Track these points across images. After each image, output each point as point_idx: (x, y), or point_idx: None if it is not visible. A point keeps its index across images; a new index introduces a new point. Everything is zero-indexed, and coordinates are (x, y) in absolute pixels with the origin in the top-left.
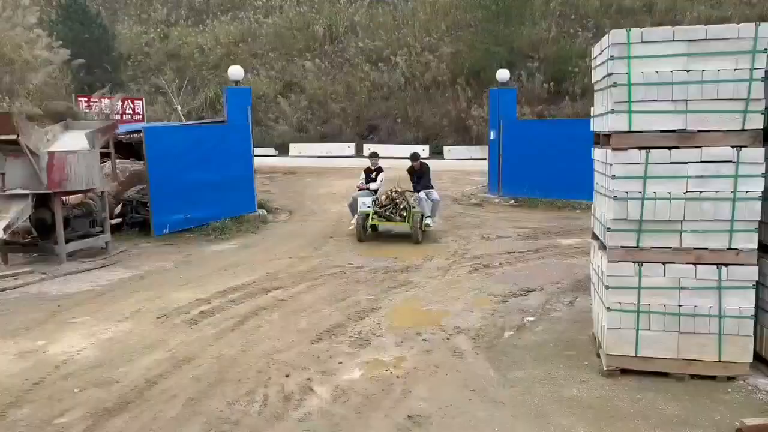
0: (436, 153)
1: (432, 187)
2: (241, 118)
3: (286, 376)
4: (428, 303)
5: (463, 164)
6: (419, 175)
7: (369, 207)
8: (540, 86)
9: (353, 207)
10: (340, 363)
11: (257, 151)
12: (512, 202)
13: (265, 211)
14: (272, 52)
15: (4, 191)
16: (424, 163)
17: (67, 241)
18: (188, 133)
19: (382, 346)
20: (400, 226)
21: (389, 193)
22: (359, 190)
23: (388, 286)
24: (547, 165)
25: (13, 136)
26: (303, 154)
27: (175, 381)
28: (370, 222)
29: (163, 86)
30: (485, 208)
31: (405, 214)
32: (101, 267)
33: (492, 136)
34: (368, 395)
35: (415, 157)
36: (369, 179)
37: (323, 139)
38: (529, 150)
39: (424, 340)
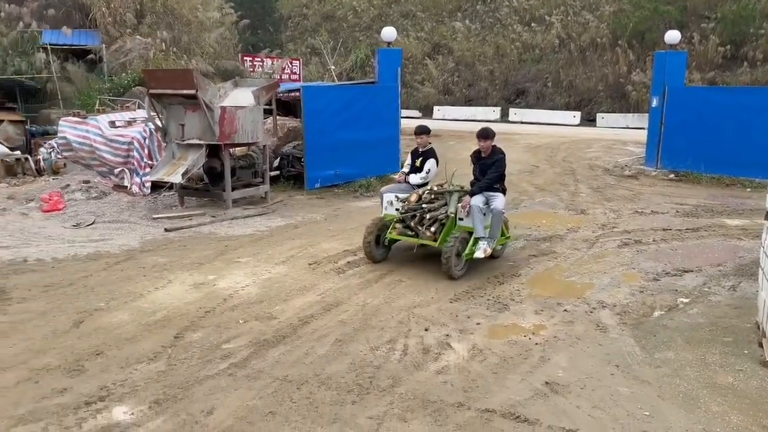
0: (589, 120)
1: (500, 190)
2: (391, 80)
3: (426, 330)
4: (571, 274)
5: (617, 133)
6: (484, 166)
7: (397, 209)
8: (714, 50)
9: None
10: (478, 324)
11: (402, 113)
12: (672, 175)
13: None
14: (423, 12)
15: (184, 140)
16: (497, 149)
17: (233, 189)
18: (342, 93)
19: (520, 312)
20: (428, 246)
21: (421, 192)
22: (398, 183)
23: (528, 254)
24: (716, 137)
25: (193, 91)
26: (447, 117)
27: (325, 322)
28: (388, 234)
29: (318, 47)
30: (640, 181)
31: (435, 228)
32: (261, 214)
33: (654, 103)
34: (505, 357)
35: (485, 133)
36: (413, 168)
37: (468, 102)
38: (696, 120)
39: (565, 310)
